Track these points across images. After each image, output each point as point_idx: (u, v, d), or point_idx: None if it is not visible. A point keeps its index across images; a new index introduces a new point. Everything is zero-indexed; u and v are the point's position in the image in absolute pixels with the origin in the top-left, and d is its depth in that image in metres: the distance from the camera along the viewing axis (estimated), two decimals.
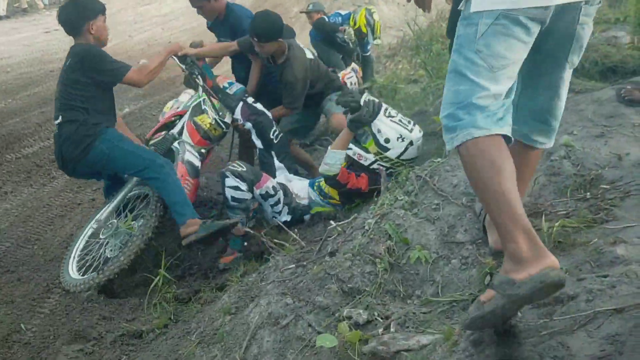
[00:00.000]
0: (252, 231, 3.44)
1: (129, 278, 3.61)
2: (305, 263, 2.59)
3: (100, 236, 3.62)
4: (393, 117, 3.47)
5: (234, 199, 3.57)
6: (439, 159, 2.92)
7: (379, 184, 3.28)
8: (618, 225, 2.08)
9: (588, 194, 2.35)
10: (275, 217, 3.69)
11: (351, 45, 6.38)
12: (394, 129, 3.41)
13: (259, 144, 4.05)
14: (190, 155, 3.81)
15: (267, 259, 3.08)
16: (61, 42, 10.04)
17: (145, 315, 3.20)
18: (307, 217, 3.80)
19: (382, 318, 2.15)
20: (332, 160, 3.45)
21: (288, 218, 3.68)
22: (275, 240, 3.16)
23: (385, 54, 9.70)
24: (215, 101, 3.99)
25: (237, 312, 2.57)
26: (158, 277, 3.30)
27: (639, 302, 1.65)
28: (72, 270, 3.47)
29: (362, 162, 3.52)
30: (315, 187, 3.79)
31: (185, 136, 3.87)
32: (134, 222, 3.58)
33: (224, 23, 4.55)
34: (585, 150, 2.57)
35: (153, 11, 14.74)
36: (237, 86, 4.16)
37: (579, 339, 1.62)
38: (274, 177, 3.87)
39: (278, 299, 2.40)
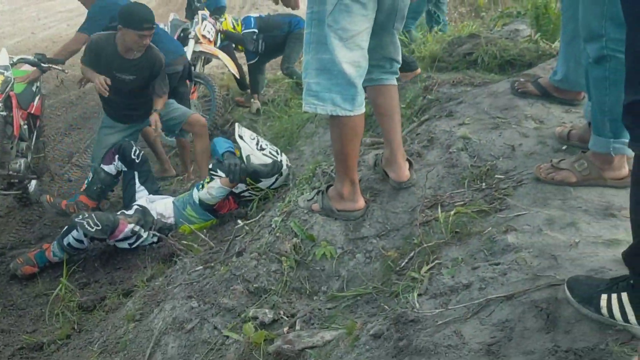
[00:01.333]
0: (158, 234, 3.34)
1: (30, 288, 3.42)
2: (212, 264, 2.54)
3: None
4: (264, 149, 3.63)
5: (70, 246, 3.52)
6: None
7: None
8: (510, 213, 2.17)
9: (484, 184, 2.43)
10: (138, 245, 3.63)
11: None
12: (264, 161, 3.55)
13: (120, 166, 4.03)
14: None
15: (175, 261, 3.01)
16: None
17: (47, 326, 3.05)
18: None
19: (287, 316, 2.14)
20: (218, 193, 3.60)
21: (155, 239, 3.60)
22: (184, 242, 3.09)
23: None
24: None
25: (141, 319, 2.50)
26: (60, 286, 3.14)
27: (527, 288, 1.73)
28: None
29: (235, 190, 3.67)
30: (186, 209, 3.76)
31: None
32: None
33: None
34: (481, 142, 2.66)
35: (58, 6, 14.09)
36: None
37: (471, 326, 1.68)
38: (134, 200, 3.87)
39: (183, 303, 2.34)
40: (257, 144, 3.64)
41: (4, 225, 4.26)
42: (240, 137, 3.60)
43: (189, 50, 5.58)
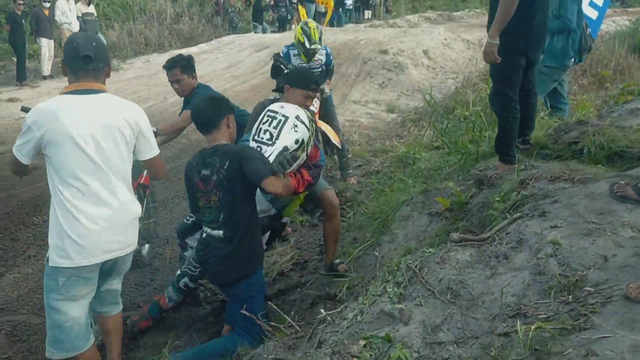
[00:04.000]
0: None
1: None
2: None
3: None
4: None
5: (186, 286, 3.93)
6: (431, 250, 2.95)
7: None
8: (594, 334, 2.07)
9: (570, 297, 2.34)
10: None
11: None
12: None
13: None
14: None
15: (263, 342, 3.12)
16: None
17: None
18: (285, 220, 4.05)
19: None
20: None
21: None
22: (272, 323, 3.20)
23: (410, 117, 9.83)
24: None
25: None
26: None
27: None
28: None
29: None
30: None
31: None
32: None
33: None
34: (572, 249, 2.57)
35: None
36: None
37: None
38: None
39: None
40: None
41: None
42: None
43: None
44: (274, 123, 3.47)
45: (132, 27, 17.35)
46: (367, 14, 24.78)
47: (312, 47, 6.34)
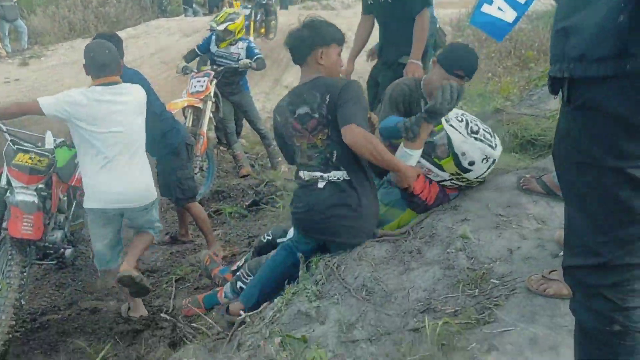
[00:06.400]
0: (167, 316, 3.44)
1: None
2: None
3: None
4: (476, 133, 3.00)
5: (242, 288, 3.30)
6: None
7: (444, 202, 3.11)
8: (497, 328, 2.16)
9: (477, 290, 2.43)
10: None
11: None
12: (479, 150, 2.97)
13: None
14: (22, 195, 3.67)
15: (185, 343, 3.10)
16: (21, 93, 10.04)
17: None
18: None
19: None
20: (406, 160, 2.94)
21: None
22: (194, 324, 3.18)
23: None
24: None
25: None
26: None
27: None
28: None
29: (430, 176, 3.10)
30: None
31: (14, 182, 3.74)
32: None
33: None
34: (480, 242, 2.66)
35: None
36: None
37: None
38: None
39: None
40: (467, 126, 3.01)
41: (38, 289, 4.48)
42: (447, 121, 3.01)
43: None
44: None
45: (55, 12, 16.55)
46: None
47: (218, 28, 6.13)
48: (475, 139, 2.96)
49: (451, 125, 2.98)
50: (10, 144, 3.91)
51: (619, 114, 1.10)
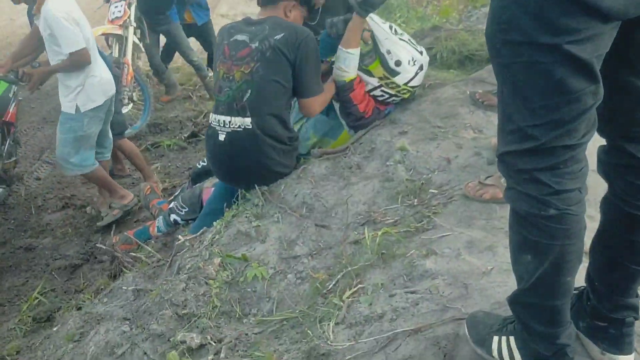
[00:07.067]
0: (104, 246, 3.34)
1: None
2: (146, 286, 2.55)
3: None
4: (401, 35, 2.94)
5: (175, 222, 3.31)
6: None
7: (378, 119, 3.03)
8: (435, 234, 2.17)
9: (416, 200, 2.43)
10: None
11: None
12: (405, 50, 2.89)
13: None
14: None
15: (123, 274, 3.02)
16: None
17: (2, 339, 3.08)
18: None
19: (215, 342, 2.15)
20: (347, 61, 2.83)
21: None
22: (132, 254, 3.10)
23: None
24: None
25: (80, 339, 2.51)
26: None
27: (433, 322, 1.74)
28: None
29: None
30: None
31: None
32: None
33: None
34: (418, 154, 2.65)
35: None
36: None
37: None
38: None
39: (116, 326, 2.35)
40: (391, 28, 2.96)
41: None
42: (372, 19, 2.88)
43: None
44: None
45: None
46: None
47: None
48: (400, 39, 2.92)
49: (375, 22, 2.90)
50: None
51: None
